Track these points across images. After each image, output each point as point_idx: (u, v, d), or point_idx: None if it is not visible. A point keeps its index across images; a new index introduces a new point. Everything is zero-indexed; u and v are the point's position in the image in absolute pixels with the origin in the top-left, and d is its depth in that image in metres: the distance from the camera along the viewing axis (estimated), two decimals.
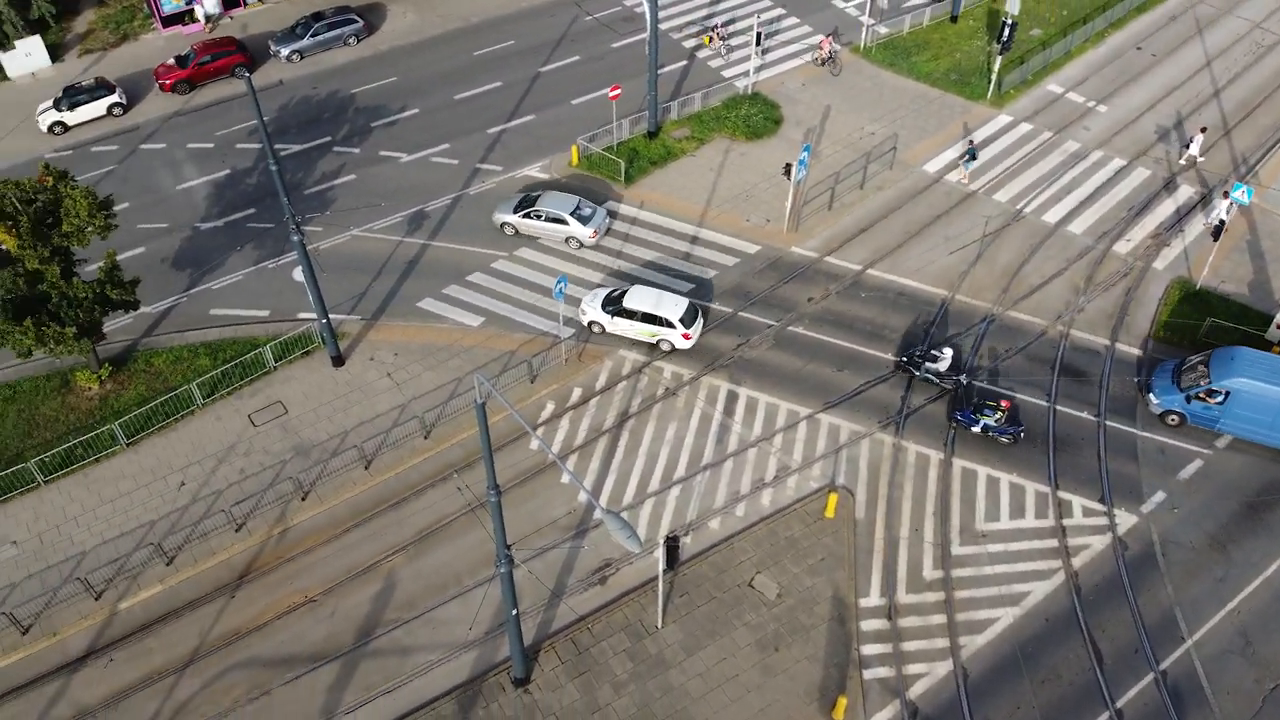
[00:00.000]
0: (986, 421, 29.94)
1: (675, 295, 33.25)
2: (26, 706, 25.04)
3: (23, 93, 44.98)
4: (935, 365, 31.40)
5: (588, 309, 33.49)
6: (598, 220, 36.66)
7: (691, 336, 32.55)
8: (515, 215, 36.75)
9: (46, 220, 29.03)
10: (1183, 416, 30.47)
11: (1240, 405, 29.47)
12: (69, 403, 31.79)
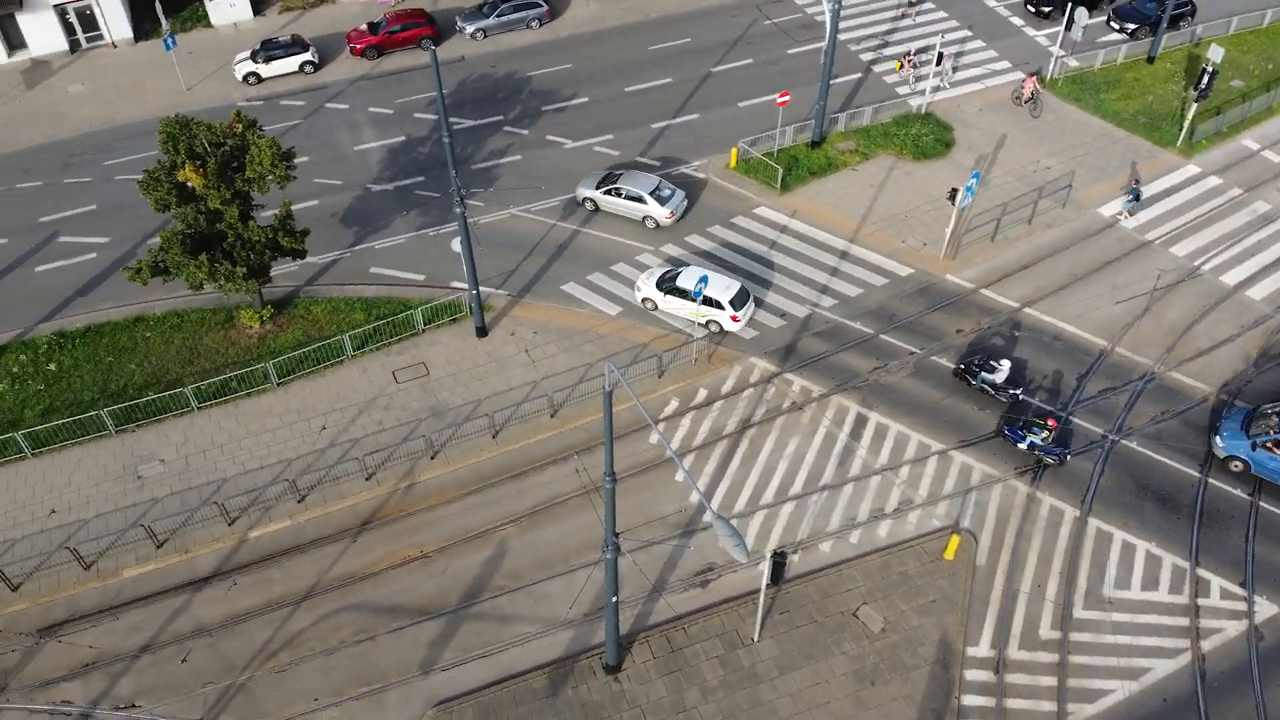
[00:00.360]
0: (1033, 439, 29.45)
1: (728, 278, 33.41)
2: (150, 616, 26.88)
3: (223, 41, 48.20)
4: (992, 376, 30.98)
5: (642, 286, 34.22)
6: (675, 202, 37.28)
7: (740, 320, 32.84)
8: (597, 191, 37.67)
9: (232, 164, 31.00)
10: (1246, 464, 29.08)
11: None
12: (230, 337, 33.91)
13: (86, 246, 37.29)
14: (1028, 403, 31.08)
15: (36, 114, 43.89)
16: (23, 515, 28.85)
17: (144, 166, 33.91)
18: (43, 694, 25.20)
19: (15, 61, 46.82)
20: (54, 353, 33.21)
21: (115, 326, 34.10)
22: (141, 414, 31.24)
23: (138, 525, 28.37)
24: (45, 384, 32.30)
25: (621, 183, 37.45)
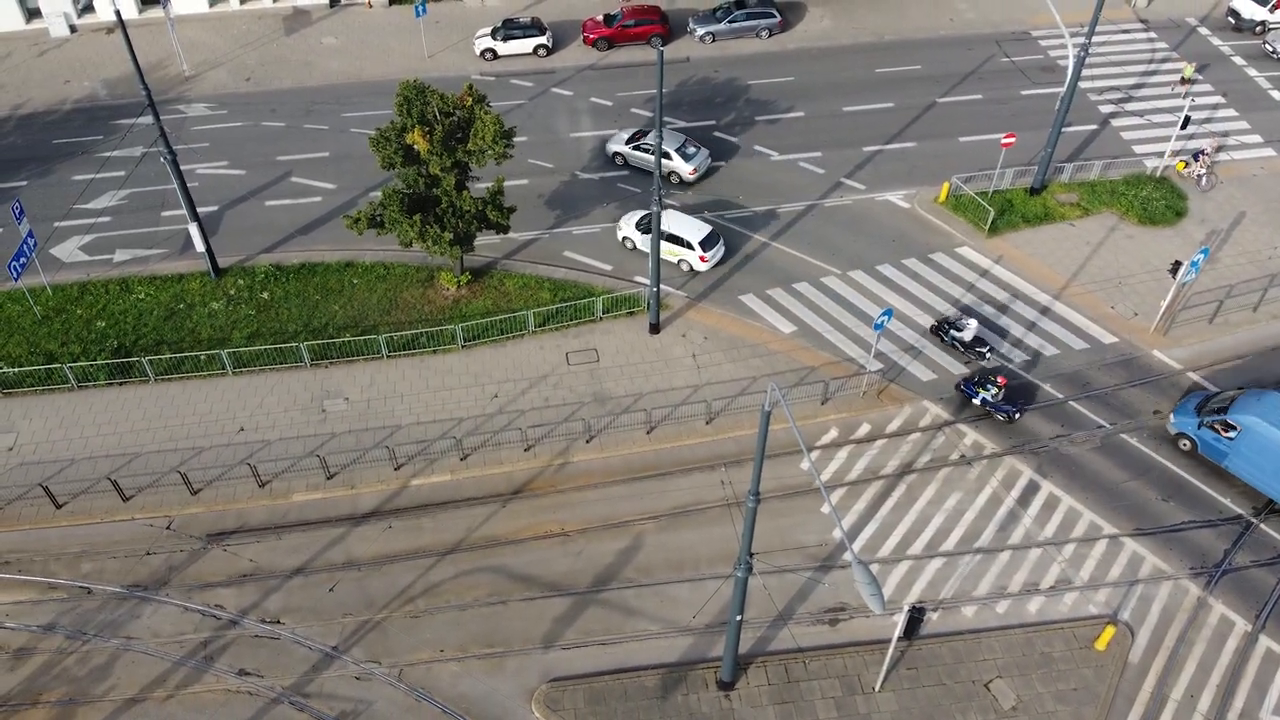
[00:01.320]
0: (985, 395, 31.04)
1: (701, 222, 36.36)
2: (308, 540, 28.83)
3: (469, 15, 50.76)
4: (960, 334, 32.68)
5: (623, 226, 37.20)
6: (699, 160, 39.76)
7: (708, 260, 35.64)
8: (626, 146, 40.50)
9: (456, 135, 32.67)
10: (1194, 443, 29.78)
11: (1249, 445, 28.44)
12: (428, 296, 35.82)
13: (314, 190, 40.32)
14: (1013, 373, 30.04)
15: (290, 60, 47.77)
16: (214, 427, 31.59)
17: (377, 124, 36.22)
18: (199, 595, 27.56)
19: (279, 7, 51.08)
20: (269, 282, 36.14)
21: (327, 268, 36.73)
22: (336, 353, 33.52)
23: (313, 455, 30.49)
24: (256, 310, 35.22)
25: (649, 139, 39.51)
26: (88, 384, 32.68)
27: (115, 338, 34.04)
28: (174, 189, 34.74)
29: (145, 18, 49.41)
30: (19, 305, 35.11)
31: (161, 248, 37.65)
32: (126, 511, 29.32)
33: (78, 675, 25.89)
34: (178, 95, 45.09)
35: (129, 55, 31.06)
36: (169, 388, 32.68)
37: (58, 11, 49.18)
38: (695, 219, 36.57)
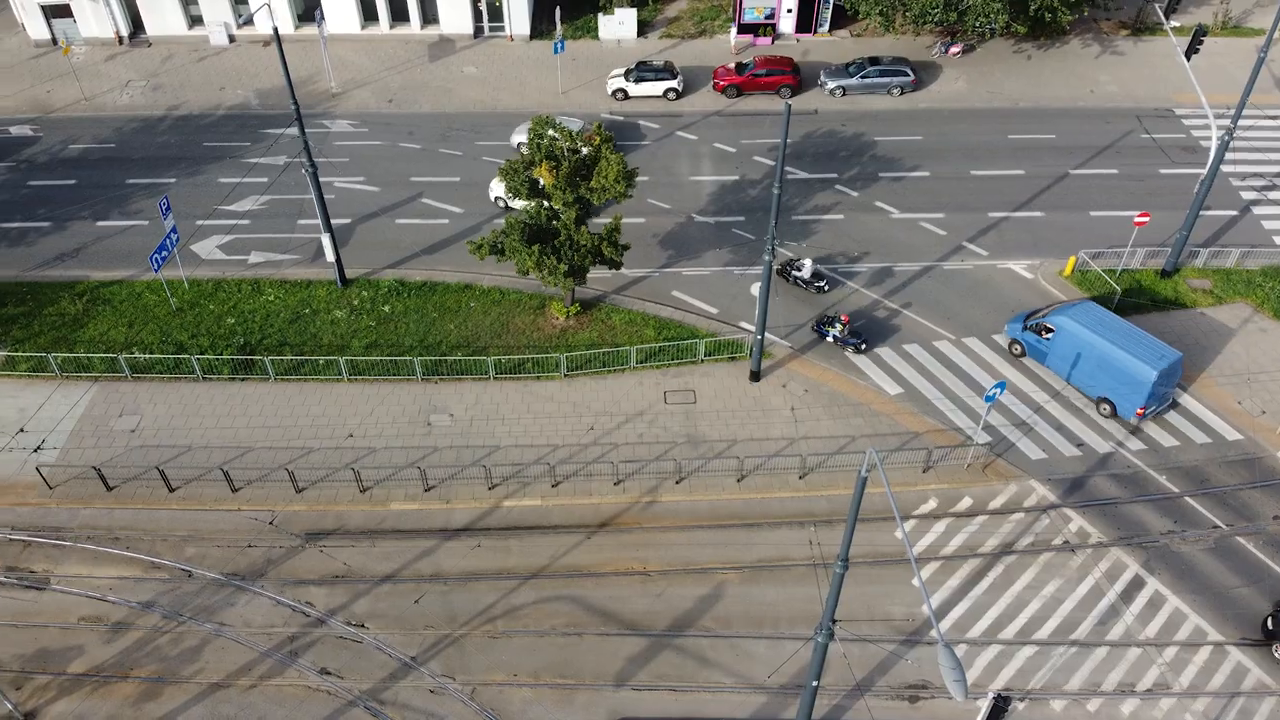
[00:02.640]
0: (833, 332, 35.15)
1: None
2: (400, 549, 29.56)
3: (604, 54, 52.00)
4: (800, 273, 37.31)
5: (493, 189, 41.08)
6: None
7: None
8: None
9: (581, 171, 33.45)
10: (1023, 347, 34.66)
11: (1062, 343, 33.20)
12: (537, 323, 36.58)
13: (442, 212, 41.74)
14: None
15: (431, 85, 49.73)
16: (324, 430, 32.80)
17: (508, 155, 37.49)
18: (292, 591, 28.52)
19: (425, 34, 53.30)
20: (391, 297, 37.48)
21: (446, 288, 37.89)
22: (446, 370, 34.48)
23: (414, 466, 31.34)
24: (376, 322, 36.53)
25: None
26: (212, 376, 34.41)
27: (242, 335, 35.80)
28: (312, 199, 36.52)
29: (300, 34, 52.22)
30: (156, 296, 37.30)
31: (294, 254, 39.52)
32: (234, 502, 30.66)
33: (169, 655, 27.05)
34: (324, 110, 47.42)
35: (282, 69, 32.88)
36: (287, 388, 34.14)
37: (219, 21, 52.46)
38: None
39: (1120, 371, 31.65)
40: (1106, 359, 31.90)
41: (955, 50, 50.75)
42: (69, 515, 30.35)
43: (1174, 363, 31.42)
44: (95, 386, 34.13)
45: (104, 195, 42.51)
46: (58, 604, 28.16)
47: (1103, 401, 32.80)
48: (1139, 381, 31.21)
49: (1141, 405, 31.59)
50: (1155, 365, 30.98)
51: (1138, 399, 31.57)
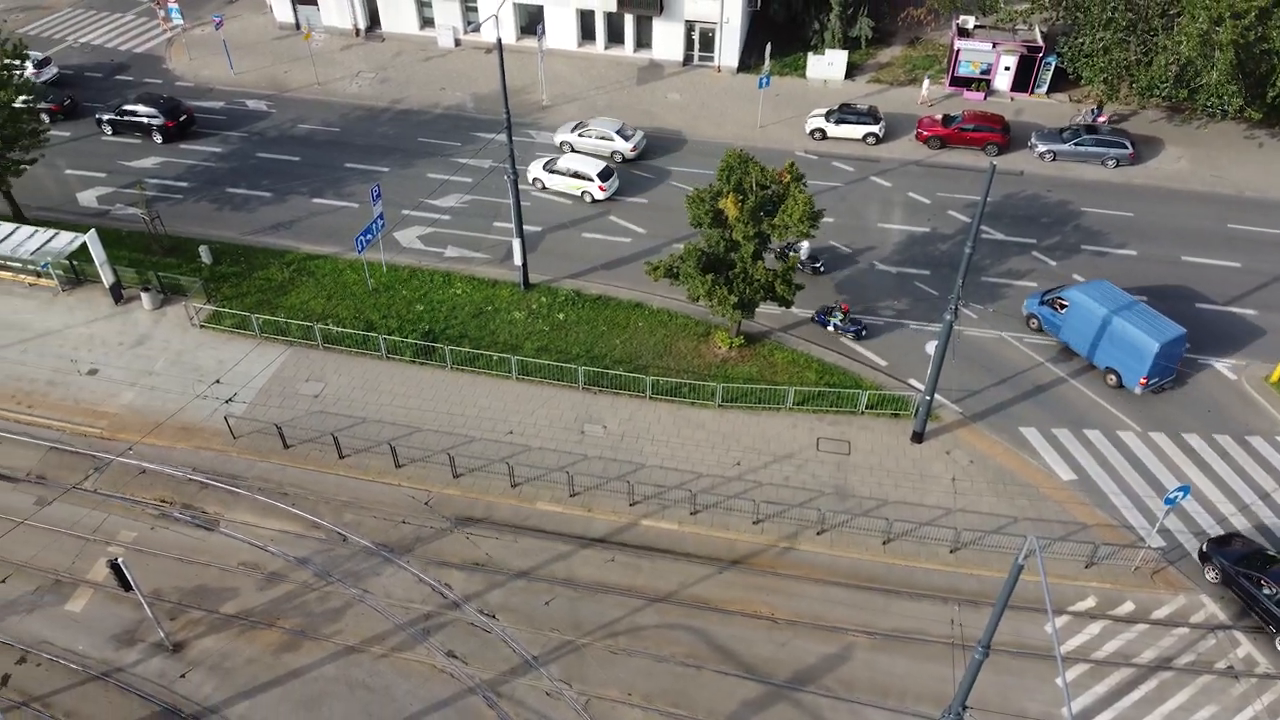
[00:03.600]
0: (834, 321, 36.82)
1: (597, 160, 44.20)
2: (539, 549, 30.29)
3: (808, 93, 51.90)
4: (798, 254, 38.57)
5: (532, 170, 44.40)
6: (637, 139, 46.45)
7: (606, 190, 42.75)
8: (572, 134, 46.62)
9: (767, 207, 33.51)
10: (1039, 320, 36.88)
11: (1075, 316, 35.21)
12: (699, 350, 36.83)
13: (627, 230, 42.72)
14: None
15: (634, 107, 51.02)
16: (487, 423, 34.08)
17: (696, 183, 37.93)
18: (434, 571, 29.73)
19: (636, 58, 54.73)
20: (567, 305, 38.62)
21: (619, 304, 38.74)
22: (607, 383, 35.19)
23: (563, 470, 32.11)
24: (550, 328, 37.73)
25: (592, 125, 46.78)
26: (394, 356, 36.41)
27: (428, 322, 37.75)
28: (509, 204, 38.15)
29: (520, 45, 54.71)
30: (356, 275, 39.85)
31: (486, 253, 41.36)
32: (395, 478, 32.29)
33: (313, 611, 28.71)
34: (532, 121, 49.46)
35: (500, 77, 34.58)
36: (460, 378, 35.71)
37: (448, 26, 55.67)
38: (592, 159, 44.33)
39: (1126, 343, 33.76)
40: (1114, 332, 34.00)
41: (1102, 119, 47.98)
42: (246, 465, 32.77)
43: (1177, 337, 33.50)
44: (289, 350, 36.77)
45: (323, 175, 45.84)
46: (222, 546, 30.44)
47: (1109, 372, 34.85)
48: (1143, 353, 33.30)
49: (1144, 375, 33.64)
50: (1158, 338, 33.05)
51: (1141, 369, 33.63)
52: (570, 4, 53.51)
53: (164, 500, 31.67)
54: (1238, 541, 29.24)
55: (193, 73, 53.79)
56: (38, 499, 31.64)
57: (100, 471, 32.47)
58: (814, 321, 37.52)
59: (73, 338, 37.53)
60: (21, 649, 27.82)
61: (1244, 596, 28.05)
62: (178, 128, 47.93)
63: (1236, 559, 28.46)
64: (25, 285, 39.84)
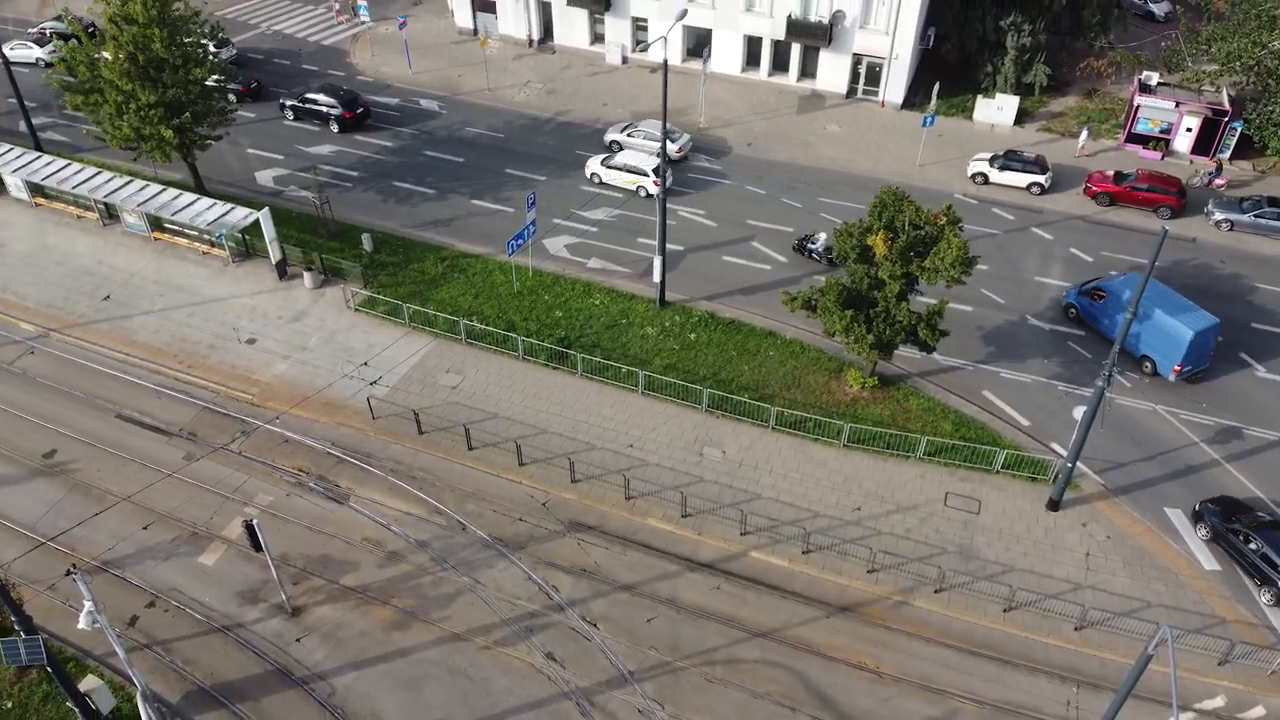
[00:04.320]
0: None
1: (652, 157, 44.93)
2: (646, 564, 30.31)
3: (973, 136, 50.58)
4: (814, 245, 41.28)
5: (590, 166, 46.17)
6: (682, 142, 48.09)
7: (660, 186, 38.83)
8: (621, 134, 48.68)
9: (917, 247, 32.74)
10: (1078, 309, 38.26)
11: (1112, 306, 36.48)
12: (830, 386, 36.25)
13: (767, 258, 42.52)
14: None
15: (791, 136, 50.83)
16: (609, 433, 34.44)
17: (847, 216, 37.42)
18: (543, 571, 30.17)
19: (799, 87, 54.53)
20: (700, 326, 38.72)
21: (751, 330, 38.58)
22: (730, 408, 35.05)
23: (678, 490, 32.13)
24: (680, 346, 37.89)
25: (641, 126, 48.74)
26: (530, 358, 37.29)
27: (564, 328, 38.51)
28: (654, 222, 38.59)
29: (685, 67, 55.34)
30: (504, 276, 41.04)
31: (627, 268, 41.93)
32: (518, 475, 33.01)
33: (425, 595, 29.57)
34: None
35: (662, 98, 35.04)
36: (589, 386, 36.27)
37: (618, 43, 56.86)
38: (649, 156, 45.59)
39: (1162, 332, 35.13)
40: (1151, 320, 35.24)
41: (1220, 182, 45.19)
42: (381, 446, 34.10)
43: (1210, 326, 34.84)
44: (433, 342, 38.15)
45: (484, 178, 47.48)
46: (350, 520, 31.73)
47: (1145, 359, 36.17)
48: (1177, 340, 34.70)
49: (1179, 363, 34.97)
50: (1193, 326, 34.49)
51: (1175, 356, 34.96)
52: (739, 29, 53.84)
53: (302, 470, 33.29)
54: None
55: (373, 68, 56.69)
56: (187, 454, 33.77)
57: (247, 435, 34.41)
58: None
59: (236, 307, 39.99)
60: (153, 593, 29.66)
61: None
62: (354, 119, 50.57)
63: None
64: (199, 253, 42.73)
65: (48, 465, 33.45)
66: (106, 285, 41.04)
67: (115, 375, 36.90)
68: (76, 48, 40.83)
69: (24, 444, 34.13)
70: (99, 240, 43.65)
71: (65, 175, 43.77)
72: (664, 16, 54.19)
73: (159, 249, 43.05)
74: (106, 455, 33.67)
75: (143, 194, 42.24)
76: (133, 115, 40.08)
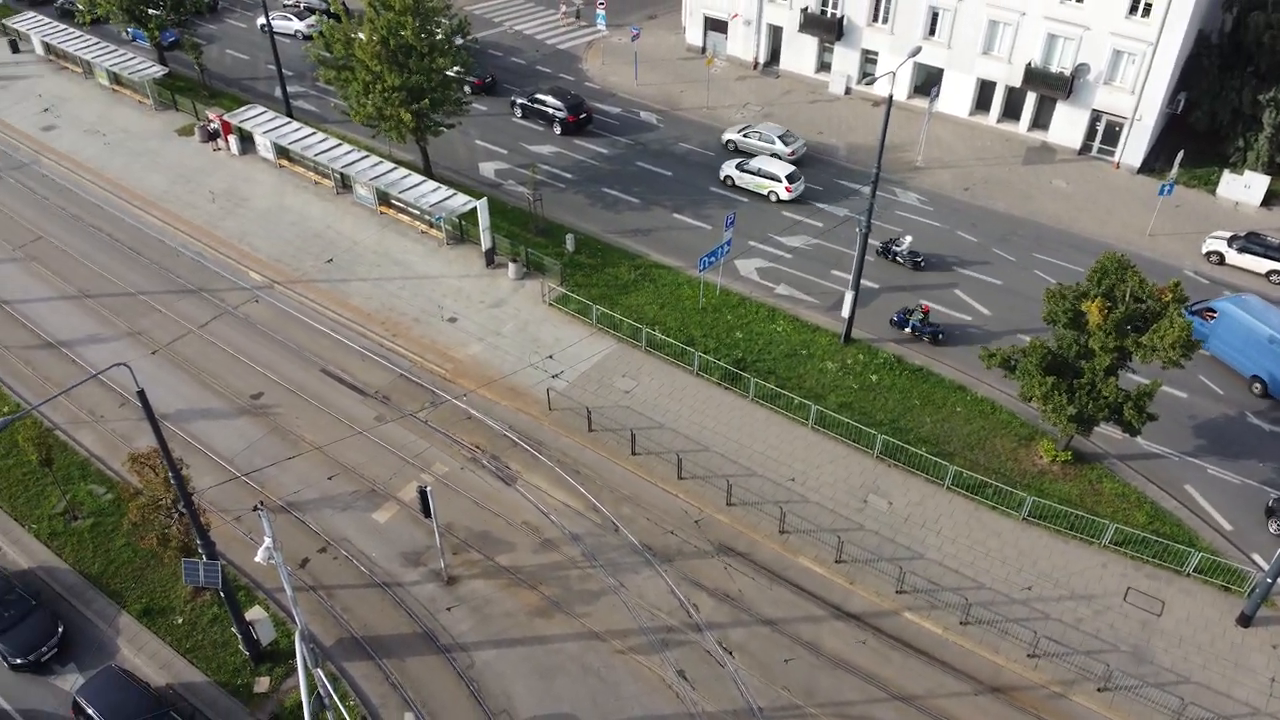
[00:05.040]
0: (914, 321, 38.71)
1: (786, 164, 47.03)
2: (791, 603, 29.69)
3: (1214, 211, 46.86)
4: (899, 247, 42.30)
5: (724, 168, 47.69)
6: (796, 146, 49.59)
7: (793, 191, 44.86)
8: (737, 135, 50.80)
9: (1135, 321, 30.54)
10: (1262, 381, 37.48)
11: (1223, 326, 37.07)
12: (1017, 453, 34.38)
13: (970, 309, 40.87)
14: None
15: (1013, 186, 48.66)
16: (772, 462, 33.98)
17: (1061, 278, 35.36)
18: (687, 588, 30.11)
19: (1029, 137, 52.12)
20: (883, 369, 37.65)
21: (939, 381, 37.16)
22: (904, 458, 33.86)
23: (835, 534, 31.34)
24: (859, 386, 36.97)
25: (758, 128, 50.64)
26: (704, 375, 37.42)
27: (742, 350, 38.43)
28: (853, 255, 37.87)
29: (909, 103, 54.08)
30: (691, 291, 41.40)
31: (815, 298, 41.38)
32: (675, 488, 33.18)
33: (571, 588, 30.15)
34: (900, 179, 48.78)
35: (881, 133, 34.38)
36: (758, 411, 36.00)
37: (843, 73, 56.25)
38: (783, 161, 47.63)
39: (1274, 354, 35.46)
40: (1262, 341, 35.72)
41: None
42: (552, 436, 35.11)
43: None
44: (615, 345, 38.95)
45: (688, 193, 48.10)
46: (513, 502, 32.82)
47: (1255, 380, 36.66)
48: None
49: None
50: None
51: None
52: (972, 72, 52.14)
53: (478, 446, 34.74)
54: None
55: (601, 76, 58.58)
56: (378, 415, 35.93)
57: (435, 407, 36.26)
58: (893, 324, 39.32)
59: (444, 286, 42.23)
60: (325, 540, 31.68)
61: None
62: (577, 124, 52.43)
63: None
64: (418, 231, 45.42)
65: (254, 405, 36.42)
66: (331, 249, 44.31)
67: (326, 332, 39.76)
68: (335, 26, 44.35)
69: (236, 383, 37.31)
70: (331, 206, 47.20)
71: (309, 143, 47.61)
72: (896, 51, 53.24)
73: (383, 222, 46.09)
74: (306, 404, 36.31)
75: (376, 169, 45.35)
76: (377, 95, 43.13)
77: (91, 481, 33.33)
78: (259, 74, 58.88)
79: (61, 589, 30.07)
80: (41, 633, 27.83)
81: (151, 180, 49.17)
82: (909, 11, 52.37)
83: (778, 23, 57.61)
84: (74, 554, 31.04)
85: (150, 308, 40.95)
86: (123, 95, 56.75)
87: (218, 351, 38.76)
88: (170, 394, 36.56)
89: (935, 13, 51.84)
